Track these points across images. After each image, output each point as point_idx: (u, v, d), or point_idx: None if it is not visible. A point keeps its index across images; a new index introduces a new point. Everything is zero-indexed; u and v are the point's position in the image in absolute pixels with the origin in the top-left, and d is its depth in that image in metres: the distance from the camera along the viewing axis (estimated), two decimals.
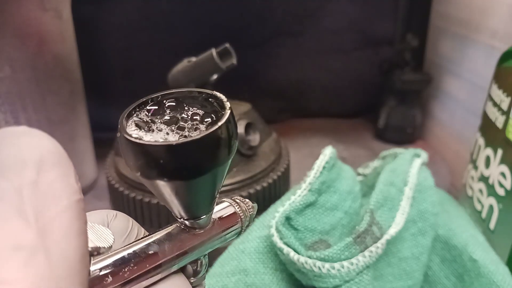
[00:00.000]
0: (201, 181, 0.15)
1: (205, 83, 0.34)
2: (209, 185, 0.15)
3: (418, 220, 0.29)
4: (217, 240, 0.18)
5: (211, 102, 0.16)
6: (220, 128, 0.14)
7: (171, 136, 0.15)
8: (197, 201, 0.16)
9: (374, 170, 0.34)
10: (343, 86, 0.67)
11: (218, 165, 0.15)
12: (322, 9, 0.61)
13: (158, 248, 0.16)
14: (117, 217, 0.18)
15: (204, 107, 0.16)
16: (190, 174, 0.14)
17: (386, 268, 0.27)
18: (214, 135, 0.14)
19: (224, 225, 0.18)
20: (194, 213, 0.17)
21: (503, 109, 0.31)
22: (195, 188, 0.15)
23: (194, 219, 0.17)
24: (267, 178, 0.33)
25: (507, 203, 0.30)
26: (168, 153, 0.13)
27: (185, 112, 0.16)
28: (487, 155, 0.33)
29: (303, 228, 0.27)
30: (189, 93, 0.16)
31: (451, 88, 0.55)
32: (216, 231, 0.18)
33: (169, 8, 0.56)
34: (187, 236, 0.17)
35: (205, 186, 0.15)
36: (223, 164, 0.15)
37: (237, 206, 0.19)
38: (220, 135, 0.14)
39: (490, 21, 0.45)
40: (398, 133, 0.61)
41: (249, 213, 0.20)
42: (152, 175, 0.14)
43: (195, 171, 0.14)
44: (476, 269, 0.28)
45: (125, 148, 0.14)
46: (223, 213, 0.19)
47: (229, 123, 0.15)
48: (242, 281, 0.26)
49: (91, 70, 0.50)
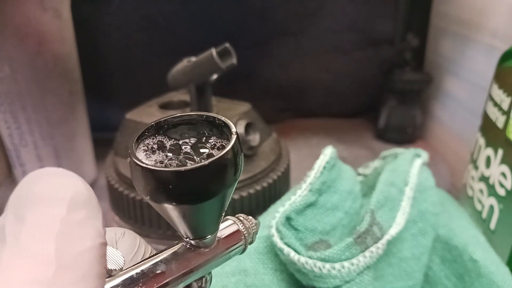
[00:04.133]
0: (209, 204, 0.15)
1: (205, 83, 0.34)
2: (216, 207, 0.16)
3: (418, 220, 0.29)
4: (221, 258, 0.19)
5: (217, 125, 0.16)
6: (228, 153, 0.14)
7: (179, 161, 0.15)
8: (204, 222, 0.16)
9: (375, 170, 0.34)
10: (344, 86, 0.67)
11: (225, 188, 0.15)
12: (322, 9, 0.61)
13: (165, 268, 0.17)
14: (125, 235, 0.19)
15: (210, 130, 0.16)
16: (198, 198, 0.14)
17: (387, 269, 0.27)
18: (222, 160, 0.14)
19: (228, 243, 0.19)
20: (201, 233, 0.17)
21: (503, 109, 0.31)
22: (203, 211, 0.15)
23: (200, 239, 0.17)
24: (267, 178, 0.33)
25: (507, 203, 0.30)
26: (177, 179, 0.14)
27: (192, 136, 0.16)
28: (488, 155, 0.33)
29: (303, 228, 0.27)
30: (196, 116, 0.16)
31: (451, 88, 0.55)
32: (220, 249, 0.18)
33: (169, 8, 0.56)
34: (192, 255, 0.17)
35: (212, 209, 0.16)
36: (231, 186, 0.15)
37: (240, 224, 0.20)
38: (227, 159, 0.14)
39: (491, 21, 0.45)
40: (399, 133, 0.61)
41: (253, 231, 0.20)
42: (161, 199, 0.14)
43: (204, 195, 0.15)
44: (477, 270, 0.28)
45: (134, 172, 0.14)
46: (227, 232, 0.19)
47: (236, 146, 0.15)
48: (242, 281, 0.26)
49: (91, 70, 0.50)
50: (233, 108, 0.37)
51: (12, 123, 0.41)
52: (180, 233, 0.17)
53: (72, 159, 0.45)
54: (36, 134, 0.42)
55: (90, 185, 0.52)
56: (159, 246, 0.31)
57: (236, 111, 0.36)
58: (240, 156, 0.15)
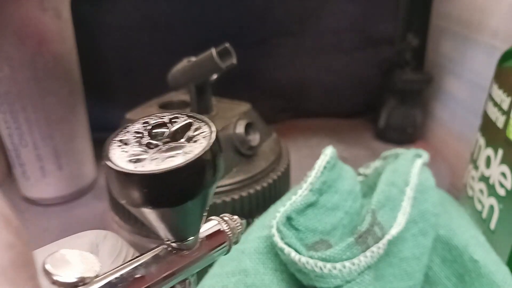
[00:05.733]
0: (188, 206, 0.14)
1: (205, 83, 0.34)
2: (196, 209, 0.15)
3: (419, 220, 0.29)
4: (204, 260, 0.18)
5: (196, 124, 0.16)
6: (205, 154, 0.14)
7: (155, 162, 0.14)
8: (184, 224, 0.16)
9: (375, 170, 0.34)
10: (344, 86, 0.67)
11: (204, 189, 0.14)
12: (322, 9, 0.61)
13: (145, 271, 0.16)
14: (107, 238, 0.18)
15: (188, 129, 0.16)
16: (176, 201, 0.14)
17: (387, 269, 0.27)
18: (199, 161, 0.14)
19: (211, 245, 0.18)
20: (182, 236, 0.17)
21: (503, 109, 0.31)
22: (182, 213, 0.15)
23: (182, 241, 0.17)
24: (267, 178, 0.33)
25: (507, 203, 0.30)
26: (153, 181, 0.13)
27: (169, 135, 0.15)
28: (488, 155, 0.33)
29: (304, 228, 0.27)
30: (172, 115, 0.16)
31: (451, 88, 0.55)
32: (203, 251, 0.18)
33: (169, 8, 0.56)
34: (174, 258, 0.17)
35: (192, 210, 0.15)
36: (210, 187, 0.15)
37: (224, 224, 0.19)
38: (205, 159, 0.14)
39: (491, 21, 0.45)
40: (399, 133, 0.61)
41: (237, 231, 0.19)
42: (137, 203, 0.14)
43: (181, 197, 0.14)
44: (477, 270, 0.28)
45: (109, 175, 0.14)
46: (210, 232, 0.19)
47: (214, 146, 0.14)
48: (242, 282, 0.26)
49: (91, 70, 0.50)
50: (233, 108, 0.37)
51: (12, 123, 0.41)
52: (160, 236, 0.17)
53: (72, 159, 0.45)
54: (36, 134, 0.42)
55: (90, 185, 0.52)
56: None
57: (236, 111, 0.36)
58: (219, 156, 0.15)
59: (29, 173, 0.44)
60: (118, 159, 0.14)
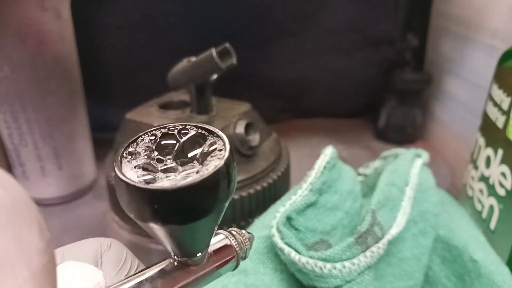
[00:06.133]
0: (199, 224, 0.14)
1: (205, 83, 0.34)
2: (207, 226, 0.15)
3: (419, 220, 0.29)
4: (211, 276, 0.17)
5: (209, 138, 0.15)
6: (219, 170, 0.13)
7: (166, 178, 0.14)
8: (193, 242, 0.15)
9: (375, 170, 0.34)
10: (344, 86, 0.67)
11: (218, 206, 0.14)
12: (322, 9, 0.61)
13: (150, 287, 0.15)
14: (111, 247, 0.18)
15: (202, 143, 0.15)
16: (186, 219, 0.13)
17: (387, 268, 0.27)
18: (213, 177, 0.13)
19: (219, 260, 0.18)
20: (190, 252, 0.16)
21: (503, 109, 0.31)
22: (192, 231, 0.14)
23: (189, 257, 0.16)
24: (267, 178, 0.33)
25: (507, 203, 0.30)
26: (163, 198, 0.13)
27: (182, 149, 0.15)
28: (488, 155, 0.33)
29: (304, 228, 0.27)
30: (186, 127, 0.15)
31: (451, 88, 0.55)
32: (211, 266, 0.17)
33: (169, 8, 0.56)
34: (180, 274, 0.16)
35: (202, 228, 0.14)
36: (224, 203, 0.14)
37: (233, 239, 0.18)
38: (220, 176, 0.13)
39: (491, 20, 0.45)
40: (399, 133, 0.61)
41: (246, 246, 0.19)
42: (146, 218, 0.13)
43: (192, 215, 0.13)
44: (477, 270, 0.28)
45: (118, 187, 0.13)
46: (218, 246, 0.18)
47: (229, 162, 0.14)
48: (242, 281, 0.26)
49: (91, 70, 0.50)
50: (233, 108, 0.37)
51: (12, 123, 0.41)
52: (168, 251, 0.16)
53: (72, 159, 0.45)
54: (36, 134, 0.42)
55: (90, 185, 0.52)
56: (158, 246, 0.31)
57: (236, 111, 0.36)
58: (234, 171, 0.14)
59: (29, 173, 0.44)
60: (129, 171, 0.14)
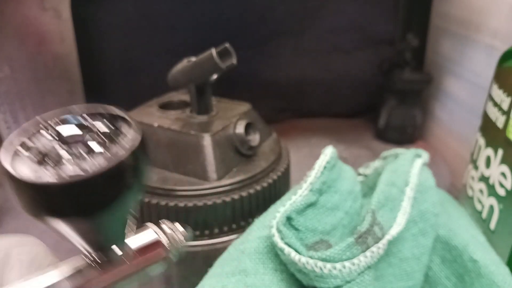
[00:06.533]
0: (103, 216, 0.12)
1: (205, 83, 0.34)
2: (114, 217, 0.13)
3: (419, 220, 0.29)
4: (136, 274, 0.16)
5: (117, 123, 0.14)
6: (123, 162, 0.12)
7: (63, 169, 0.12)
8: (102, 236, 0.14)
9: (375, 170, 0.34)
10: (344, 86, 0.67)
11: (123, 197, 0.12)
12: (323, 9, 0.61)
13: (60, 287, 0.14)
14: (23, 245, 0.16)
15: (109, 128, 0.13)
16: (87, 211, 0.12)
17: (387, 269, 0.27)
18: (116, 169, 0.12)
19: (145, 258, 0.16)
20: (102, 247, 0.14)
21: (503, 109, 0.31)
22: (97, 223, 0.13)
23: (104, 253, 0.14)
24: (267, 178, 0.33)
25: (507, 203, 0.30)
26: (55, 192, 0.11)
27: (85, 136, 0.13)
28: (488, 155, 0.33)
29: (304, 228, 0.27)
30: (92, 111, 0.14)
31: (451, 88, 0.55)
32: (133, 264, 0.15)
33: (169, 8, 0.56)
34: (96, 273, 0.14)
35: (109, 219, 0.13)
36: (130, 194, 0.13)
37: (161, 233, 0.17)
38: (123, 166, 0.12)
39: (491, 21, 0.45)
40: (399, 133, 0.61)
41: (179, 240, 0.17)
42: (40, 214, 0.12)
43: (93, 207, 0.12)
44: (477, 270, 0.28)
45: (7, 180, 0.12)
46: (143, 242, 0.16)
47: (137, 151, 0.12)
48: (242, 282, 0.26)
49: (91, 70, 0.50)
50: (233, 108, 0.37)
51: (12, 123, 0.42)
52: (78, 247, 0.14)
53: None
54: None
55: None
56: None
57: (236, 111, 0.36)
58: (143, 160, 0.13)
59: None
60: (19, 163, 0.12)
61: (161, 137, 0.33)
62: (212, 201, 0.30)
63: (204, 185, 0.31)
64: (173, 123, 0.34)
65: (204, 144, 0.31)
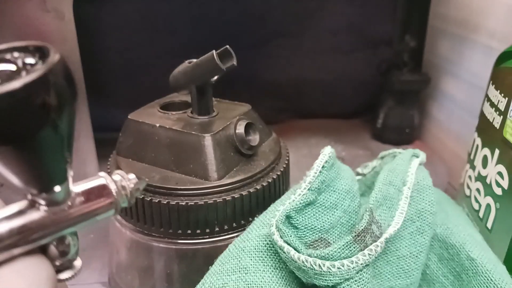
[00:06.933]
0: (30, 146, 0.11)
1: (206, 84, 0.34)
2: (45, 149, 0.12)
3: (416, 219, 0.29)
4: (80, 217, 0.15)
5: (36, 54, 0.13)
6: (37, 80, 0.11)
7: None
8: (38, 172, 0.13)
9: (373, 169, 0.34)
10: (342, 87, 0.68)
11: (48, 125, 0.11)
12: (321, 10, 0.61)
13: None
14: None
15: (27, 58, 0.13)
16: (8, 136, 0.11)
17: (385, 267, 0.28)
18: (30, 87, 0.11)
19: (90, 201, 0.15)
20: (40, 185, 0.13)
21: (500, 109, 0.31)
22: (24, 154, 0.11)
23: (44, 193, 0.14)
24: (266, 178, 0.34)
25: (504, 202, 0.30)
26: None
27: None
28: (485, 155, 0.33)
29: (303, 226, 0.27)
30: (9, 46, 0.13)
31: (449, 89, 0.55)
32: (77, 207, 0.15)
33: (170, 11, 0.57)
34: (37, 214, 0.14)
35: (40, 151, 0.12)
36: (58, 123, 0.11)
37: (110, 180, 0.16)
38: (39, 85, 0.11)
39: (488, 22, 0.45)
40: (396, 133, 0.61)
41: (130, 187, 0.16)
42: None
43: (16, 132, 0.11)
44: (474, 268, 0.28)
45: None
46: (91, 187, 0.16)
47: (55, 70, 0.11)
48: (242, 279, 0.26)
49: (93, 71, 0.50)
50: (233, 108, 0.37)
51: None
52: (16, 186, 0.13)
53: (75, 159, 0.45)
54: None
55: None
56: (160, 244, 0.31)
57: (236, 111, 0.36)
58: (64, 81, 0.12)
59: None
60: None
61: (163, 137, 0.33)
62: (213, 200, 0.30)
63: (205, 184, 0.31)
64: (174, 123, 0.34)
65: (205, 144, 0.32)
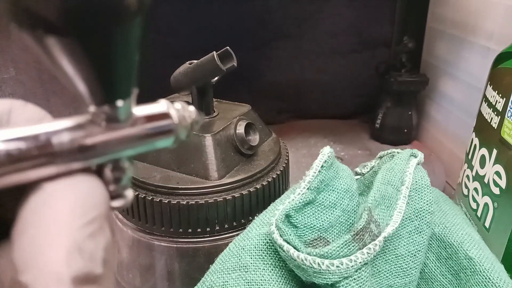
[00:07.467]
0: (106, 42, 0.11)
1: (207, 85, 0.35)
2: (120, 48, 0.12)
3: (414, 218, 0.29)
4: (138, 141, 0.14)
5: None
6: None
7: None
8: (105, 72, 0.12)
9: (371, 169, 0.35)
10: (341, 88, 0.68)
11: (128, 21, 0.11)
12: (321, 12, 0.62)
13: (55, 138, 0.13)
14: (26, 107, 0.15)
15: None
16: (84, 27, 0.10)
17: (383, 265, 0.28)
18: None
19: (152, 126, 0.15)
20: (105, 93, 0.13)
21: (498, 110, 0.31)
22: (98, 52, 0.11)
23: (107, 105, 0.13)
24: (266, 177, 0.34)
25: (502, 201, 0.31)
26: None
27: None
28: (482, 155, 0.33)
29: (302, 225, 0.27)
30: None
31: (447, 89, 0.56)
32: (137, 128, 0.14)
33: (172, 12, 0.57)
34: (96, 129, 0.13)
35: (113, 49, 0.11)
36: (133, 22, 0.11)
37: (172, 107, 0.15)
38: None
39: (486, 23, 0.45)
40: (395, 133, 0.61)
41: (189, 116, 0.16)
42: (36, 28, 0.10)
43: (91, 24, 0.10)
44: (472, 267, 0.28)
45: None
46: (152, 111, 0.15)
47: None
48: (243, 278, 0.26)
49: None
50: (234, 109, 0.38)
51: None
52: (82, 98, 0.13)
53: None
54: None
55: None
56: (162, 243, 0.32)
57: (237, 112, 0.37)
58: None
59: None
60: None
61: None
62: (214, 199, 0.31)
63: (206, 184, 0.31)
64: None
65: (205, 144, 0.32)
